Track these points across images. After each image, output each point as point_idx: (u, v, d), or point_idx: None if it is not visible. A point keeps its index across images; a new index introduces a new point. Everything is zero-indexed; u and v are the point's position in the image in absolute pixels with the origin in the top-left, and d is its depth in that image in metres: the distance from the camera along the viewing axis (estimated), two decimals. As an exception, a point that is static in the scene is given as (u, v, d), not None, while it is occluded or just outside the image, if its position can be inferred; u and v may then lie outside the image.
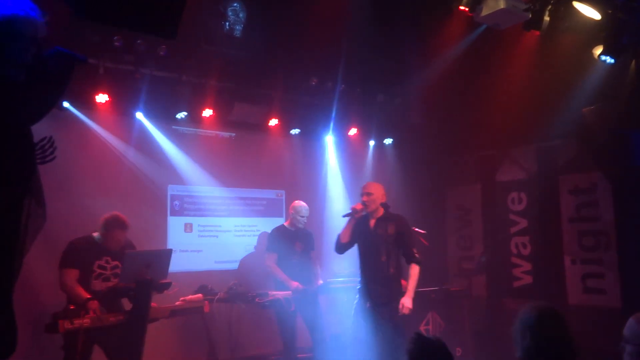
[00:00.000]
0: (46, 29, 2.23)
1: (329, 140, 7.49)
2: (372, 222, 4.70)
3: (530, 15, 4.71)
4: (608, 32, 4.80)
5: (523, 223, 7.08)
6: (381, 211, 4.73)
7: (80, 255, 4.32)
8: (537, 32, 4.86)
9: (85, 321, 4.00)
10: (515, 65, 5.97)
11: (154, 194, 6.24)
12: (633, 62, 5.27)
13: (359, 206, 4.68)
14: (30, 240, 2.24)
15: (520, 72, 5.96)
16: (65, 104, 5.42)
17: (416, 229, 6.31)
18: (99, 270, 4.37)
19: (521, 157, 7.21)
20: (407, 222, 4.80)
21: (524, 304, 2.53)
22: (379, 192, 4.73)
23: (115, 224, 4.43)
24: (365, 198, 4.69)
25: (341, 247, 4.76)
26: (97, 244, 4.43)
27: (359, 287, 4.73)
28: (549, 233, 6.76)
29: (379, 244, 4.63)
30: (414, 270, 4.63)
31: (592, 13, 4.66)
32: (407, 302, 4.50)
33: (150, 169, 6.13)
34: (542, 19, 4.75)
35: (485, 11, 4.61)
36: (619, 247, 6.05)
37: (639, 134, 5.53)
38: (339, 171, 7.55)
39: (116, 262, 4.43)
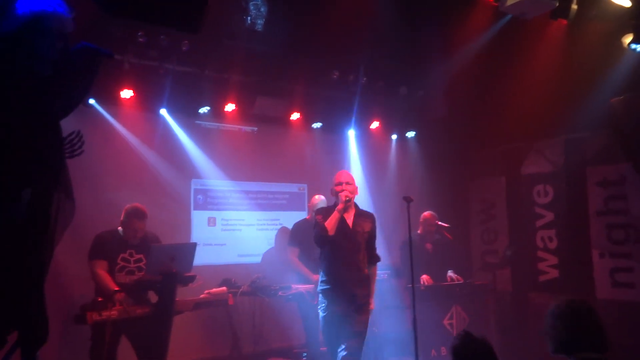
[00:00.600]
0: (73, 24, 2.26)
1: (351, 134, 7.46)
2: (350, 217, 4.24)
3: (558, 4, 4.60)
4: (638, 20, 4.67)
5: (549, 216, 6.96)
6: (353, 206, 4.33)
7: (106, 247, 4.42)
8: (565, 21, 4.76)
9: (113, 313, 4.07)
10: (541, 55, 5.85)
11: (178, 188, 6.30)
12: (664, 50, 5.12)
13: (348, 197, 4.18)
14: (60, 233, 2.28)
15: (547, 62, 5.84)
16: (91, 101, 5.50)
17: (440, 223, 6.26)
18: (122, 263, 4.45)
19: (547, 149, 7.08)
20: (375, 220, 4.43)
21: (550, 298, 2.52)
22: (354, 183, 4.35)
23: (132, 214, 4.51)
24: (348, 188, 4.22)
25: (326, 241, 4.16)
26: (121, 238, 4.52)
27: (325, 289, 4.17)
28: (576, 226, 6.63)
29: (358, 241, 4.23)
30: (376, 271, 4.45)
31: (622, 0, 4.53)
32: (373, 304, 4.34)
33: (174, 163, 6.20)
34: (570, 7, 4.64)
35: (511, 0, 4.52)
36: (650, 240, 5.91)
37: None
38: (360, 165, 7.52)
39: (140, 256, 4.51)
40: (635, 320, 5.80)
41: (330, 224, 4.14)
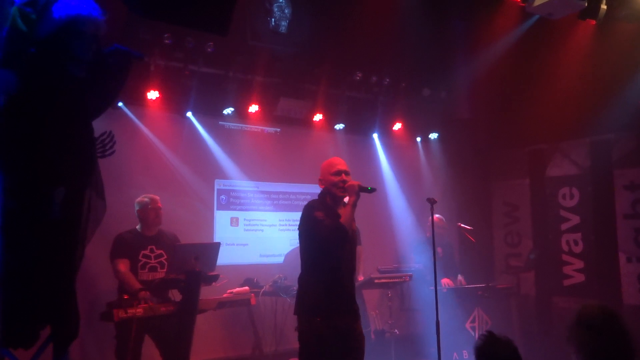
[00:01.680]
0: (106, 27, 2.31)
1: (374, 135, 7.44)
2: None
3: (587, 4, 4.53)
4: (669, 20, 4.58)
5: (575, 219, 6.85)
6: None
7: (127, 246, 4.52)
8: (593, 22, 4.68)
9: (139, 311, 4.14)
10: (568, 56, 5.78)
11: (201, 188, 6.35)
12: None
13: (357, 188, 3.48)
14: (92, 231, 2.34)
15: (573, 63, 5.76)
16: (119, 104, 5.60)
17: (462, 225, 6.21)
18: (144, 260, 4.54)
19: (573, 152, 6.97)
20: None
21: (575, 303, 2.47)
22: None
23: (144, 199, 4.66)
24: (349, 179, 3.54)
25: (345, 242, 3.42)
26: (140, 234, 4.63)
27: (313, 301, 3.36)
28: (603, 230, 6.52)
29: (354, 242, 3.60)
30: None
31: (652, 0, 4.45)
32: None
33: (198, 163, 6.26)
34: (599, 7, 4.57)
35: (539, 1, 4.47)
36: (679, 245, 5.79)
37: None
38: (383, 166, 7.50)
39: (160, 251, 4.60)
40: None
41: (347, 220, 3.36)
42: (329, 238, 3.34)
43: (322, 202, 3.55)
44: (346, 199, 3.51)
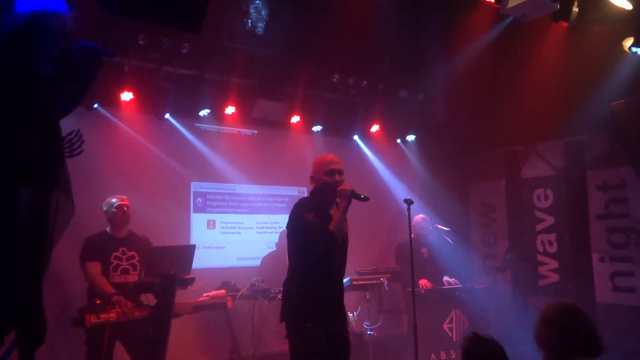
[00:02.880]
0: (73, 23, 2.25)
1: (351, 137, 7.45)
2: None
3: (559, 6, 4.60)
4: (639, 23, 4.67)
5: (549, 220, 6.95)
6: None
7: (97, 249, 4.42)
8: (566, 24, 4.75)
9: (112, 315, 4.05)
10: (542, 58, 5.86)
11: (177, 190, 6.29)
12: (665, 54, 5.11)
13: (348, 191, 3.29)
14: (59, 233, 2.26)
15: (547, 65, 5.84)
16: (95, 106, 5.49)
17: (439, 226, 6.25)
18: (115, 262, 4.44)
19: (547, 153, 7.07)
20: None
21: (550, 302, 2.50)
22: None
23: (110, 200, 4.58)
24: (342, 179, 3.34)
25: (335, 248, 3.26)
26: (110, 236, 4.54)
27: (303, 306, 3.22)
28: (577, 230, 6.62)
29: (345, 245, 3.44)
30: None
31: (623, 3, 4.53)
32: None
33: (174, 166, 6.18)
34: (570, 9, 4.63)
35: (512, 2, 4.52)
36: (650, 244, 5.90)
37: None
38: (360, 167, 7.51)
39: (132, 253, 4.53)
40: (635, 324, 5.79)
41: (337, 227, 3.21)
42: (319, 242, 3.17)
43: (314, 201, 3.34)
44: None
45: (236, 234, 6.75)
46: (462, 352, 2.25)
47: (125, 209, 4.57)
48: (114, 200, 4.59)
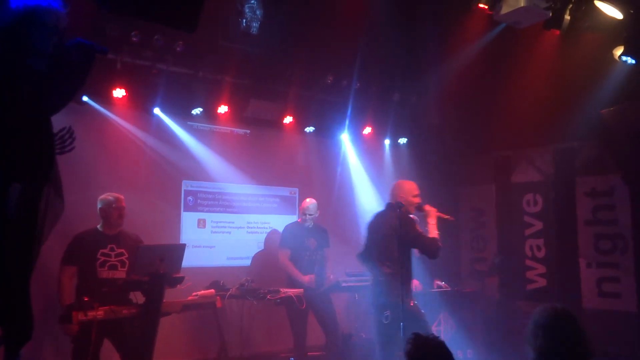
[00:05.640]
0: (67, 19, 2.25)
1: (344, 139, 7.47)
2: None
3: (551, 14, 4.65)
4: (630, 32, 4.72)
5: (538, 225, 7.00)
6: None
7: (82, 248, 4.37)
8: (557, 32, 4.80)
9: (99, 313, 4.03)
10: (534, 65, 5.91)
11: (168, 189, 6.26)
12: (654, 63, 5.18)
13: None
14: (49, 229, 2.26)
15: (539, 71, 5.89)
16: (85, 98, 5.46)
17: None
18: (103, 258, 4.39)
19: (538, 158, 7.13)
20: None
21: (537, 306, 2.51)
22: None
23: (108, 197, 4.55)
24: None
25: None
26: (101, 233, 4.50)
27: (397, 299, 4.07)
28: (565, 236, 6.68)
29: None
30: None
31: (614, 12, 4.58)
32: None
33: (165, 164, 6.16)
34: (562, 17, 4.68)
35: (505, 9, 4.56)
36: (636, 251, 5.97)
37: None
38: (352, 170, 7.53)
39: (122, 250, 4.48)
40: (620, 330, 5.85)
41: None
42: (437, 249, 4.16)
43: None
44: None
45: (226, 234, 6.74)
46: (406, 356, 2.26)
47: (122, 211, 4.54)
48: (111, 198, 4.54)
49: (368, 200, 7.48)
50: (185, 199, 6.47)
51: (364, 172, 7.57)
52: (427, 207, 4.30)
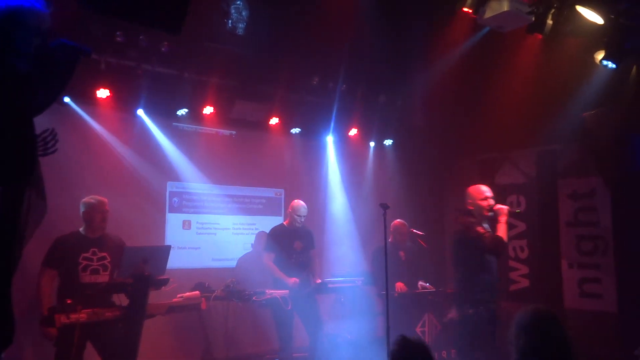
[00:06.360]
0: (51, 20, 2.23)
1: (329, 140, 7.49)
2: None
3: (534, 19, 4.71)
4: (610, 37, 4.81)
5: (521, 226, 7.08)
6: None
7: (63, 251, 4.31)
8: (540, 36, 4.87)
9: (82, 316, 3.98)
10: (517, 68, 5.98)
11: (153, 190, 6.22)
12: (634, 67, 5.28)
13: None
14: (31, 232, 2.24)
15: (522, 75, 5.96)
16: (66, 99, 5.40)
17: (414, 230, 6.32)
18: (85, 262, 4.33)
19: (521, 161, 7.22)
20: None
21: (520, 307, 2.54)
22: None
23: (92, 201, 4.47)
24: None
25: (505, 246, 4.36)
26: (83, 236, 4.43)
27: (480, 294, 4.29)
28: (547, 237, 6.77)
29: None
30: None
31: (595, 17, 4.66)
32: None
33: (150, 165, 6.12)
34: (545, 22, 4.75)
35: (489, 13, 4.61)
36: (616, 252, 6.07)
37: (638, 139, 5.54)
38: (338, 171, 7.55)
39: (104, 254, 4.42)
40: (601, 330, 5.94)
41: (505, 236, 4.26)
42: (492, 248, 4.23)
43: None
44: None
45: (212, 235, 6.72)
46: (390, 357, 2.30)
47: (105, 214, 4.48)
48: (93, 202, 4.47)
49: (353, 202, 7.52)
50: (170, 200, 6.45)
51: (351, 174, 7.60)
52: (498, 207, 4.34)
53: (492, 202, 4.37)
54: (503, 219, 4.29)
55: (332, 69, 6.57)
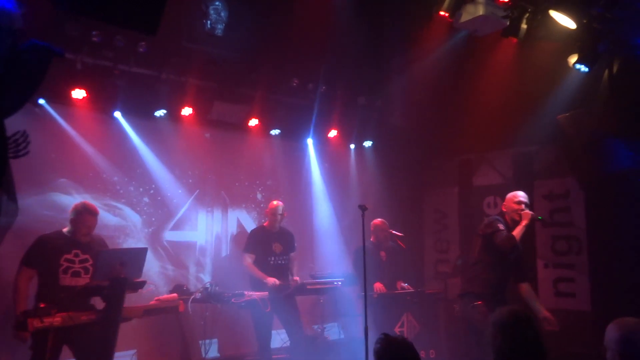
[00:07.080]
0: (23, 21, 2.20)
1: (309, 142, 7.49)
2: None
3: (508, 23, 4.79)
4: (583, 42, 4.91)
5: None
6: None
7: (45, 251, 4.24)
8: (515, 40, 4.95)
9: (56, 320, 3.93)
10: (494, 71, 6.07)
11: (130, 192, 6.14)
12: (606, 71, 5.40)
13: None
14: (2, 234, 2.20)
15: (498, 78, 6.05)
16: (41, 101, 5.31)
17: (393, 232, 6.36)
18: (66, 264, 4.26)
19: (497, 162, 7.31)
20: None
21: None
22: None
23: (84, 209, 4.40)
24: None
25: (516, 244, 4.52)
26: (66, 237, 4.36)
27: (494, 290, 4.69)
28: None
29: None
30: None
31: (567, 22, 4.76)
32: None
33: (126, 166, 6.05)
34: (519, 26, 4.84)
35: (465, 17, 4.68)
36: (590, 251, 6.19)
37: (612, 141, 5.66)
38: (318, 172, 7.56)
39: (86, 256, 4.36)
40: (575, 329, 6.05)
41: (518, 236, 4.48)
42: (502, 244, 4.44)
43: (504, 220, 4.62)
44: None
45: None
46: (374, 355, 2.32)
47: (94, 225, 4.43)
48: (86, 215, 4.38)
49: (333, 203, 7.53)
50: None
51: (329, 175, 7.61)
52: (523, 212, 4.54)
53: (523, 207, 4.55)
54: (524, 222, 4.50)
55: (311, 70, 6.58)
